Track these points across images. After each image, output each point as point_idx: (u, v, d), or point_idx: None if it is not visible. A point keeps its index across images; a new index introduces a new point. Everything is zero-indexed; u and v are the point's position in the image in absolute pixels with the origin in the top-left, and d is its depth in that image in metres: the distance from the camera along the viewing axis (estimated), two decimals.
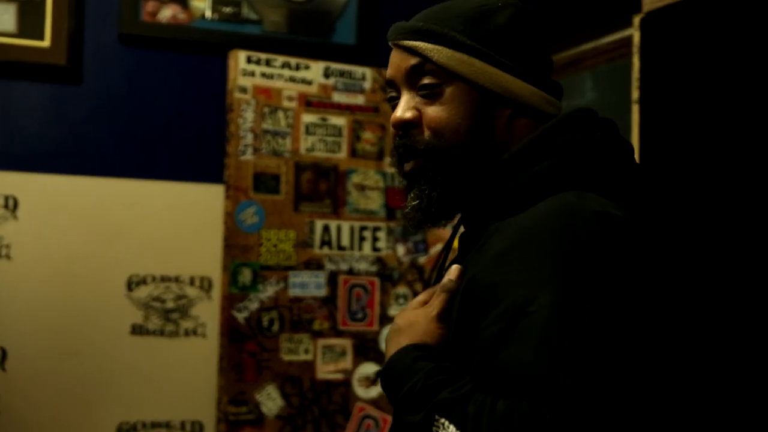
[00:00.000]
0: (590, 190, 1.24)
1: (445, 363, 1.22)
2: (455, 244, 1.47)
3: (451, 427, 1.12)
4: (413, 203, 1.36)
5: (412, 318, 1.31)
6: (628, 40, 2.54)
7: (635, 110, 2.40)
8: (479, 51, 1.31)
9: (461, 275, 1.30)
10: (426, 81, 1.33)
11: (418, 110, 1.34)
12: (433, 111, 1.33)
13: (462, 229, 1.46)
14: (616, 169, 1.29)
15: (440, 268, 1.46)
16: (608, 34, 2.70)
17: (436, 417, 1.14)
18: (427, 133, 1.33)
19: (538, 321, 1.10)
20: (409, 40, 1.34)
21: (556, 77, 3.04)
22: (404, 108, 1.35)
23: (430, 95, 1.33)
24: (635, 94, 2.40)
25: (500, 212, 1.29)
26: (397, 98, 1.38)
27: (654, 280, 1.21)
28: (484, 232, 1.31)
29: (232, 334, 2.89)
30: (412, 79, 1.34)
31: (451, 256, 1.48)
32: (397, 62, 1.37)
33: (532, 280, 1.13)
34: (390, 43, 1.40)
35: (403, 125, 1.35)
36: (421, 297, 1.37)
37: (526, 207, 1.24)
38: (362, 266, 3.09)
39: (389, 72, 1.39)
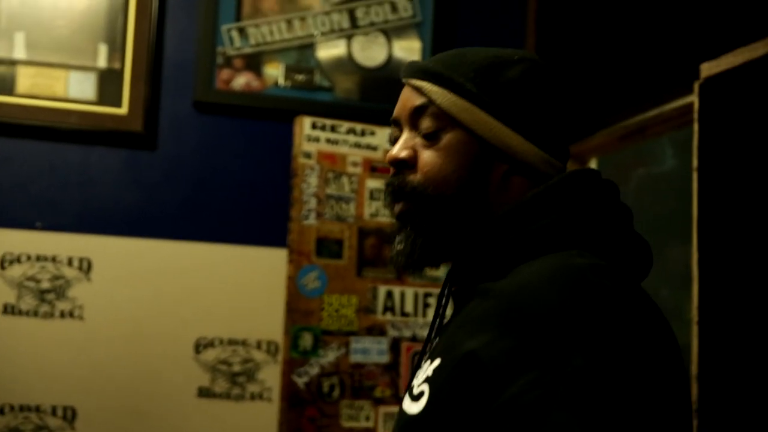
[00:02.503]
0: (588, 250, 1.19)
1: None
2: None
3: None
4: (398, 248, 1.33)
5: None
6: (691, 106, 2.48)
7: (694, 178, 2.33)
8: (484, 101, 1.27)
9: None
10: (427, 123, 1.29)
11: (416, 151, 1.30)
12: (428, 155, 1.29)
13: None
14: (615, 232, 1.24)
15: (433, 329, 1.39)
16: (672, 101, 2.64)
17: None
18: (418, 176, 1.29)
19: (578, 384, 1.01)
20: (417, 79, 1.31)
21: (627, 145, 2.99)
22: (401, 146, 1.31)
23: (430, 137, 1.29)
24: (694, 162, 2.34)
25: (494, 270, 1.22)
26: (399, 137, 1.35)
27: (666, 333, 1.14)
28: (474, 291, 1.24)
29: (292, 399, 2.88)
30: (414, 119, 1.31)
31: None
32: (404, 101, 1.33)
33: (560, 342, 1.04)
34: (402, 80, 1.36)
35: (397, 163, 1.31)
36: None
37: (521, 265, 1.19)
38: (426, 333, 3.05)
39: (395, 110, 1.35)
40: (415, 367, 1.33)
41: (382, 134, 3.06)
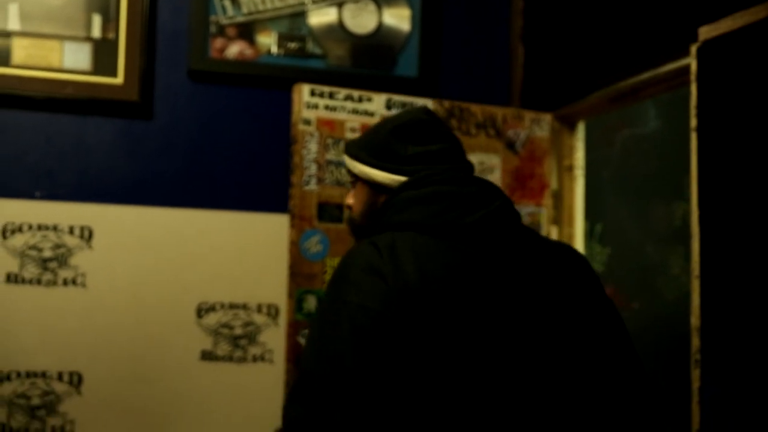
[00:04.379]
0: (409, 230, 1.78)
1: None
2: None
3: None
4: None
5: None
6: (687, 68, 2.56)
7: (693, 138, 2.42)
8: (361, 156, 1.97)
9: None
10: (350, 179, 2.06)
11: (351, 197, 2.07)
12: (352, 199, 2.06)
13: None
14: (419, 219, 1.80)
15: None
16: (667, 63, 2.72)
17: None
18: (352, 212, 2.07)
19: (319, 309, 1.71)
20: (344, 154, 2.07)
21: (618, 107, 3.07)
22: (348, 196, 2.09)
23: (353, 186, 2.05)
24: (693, 122, 2.42)
25: None
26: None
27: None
28: None
29: (298, 359, 2.94)
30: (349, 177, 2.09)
31: None
32: None
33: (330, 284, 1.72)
34: None
35: (347, 206, 2.09)
36: None
37: None
38: None
39: None
40: None
41: (378, 100, 3.11)
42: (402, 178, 1.89)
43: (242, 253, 3.24)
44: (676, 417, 3.34)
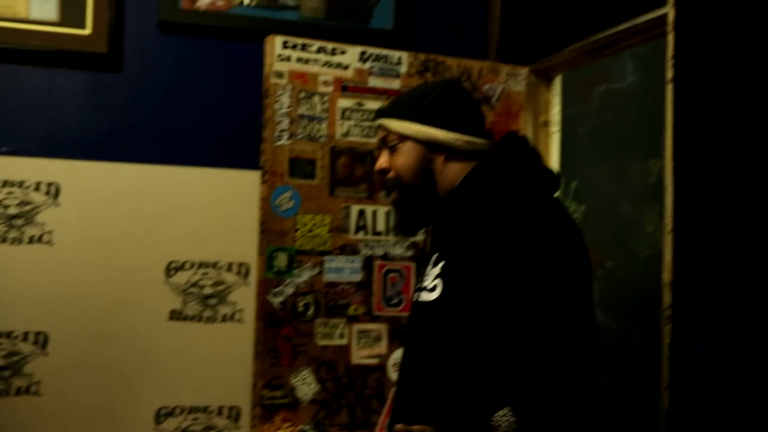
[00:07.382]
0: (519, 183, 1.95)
1: None
2: None
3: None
4: (395, 221, 2.18)
5: None
6: (664, 18, 2.51)
7: (669, 90, 2.37)
8: (416, 117, 2.02)
9: None
10: (390, 142, 2.06)
11: (389, 160, 2.07)
12: (394, 160, 2.06)
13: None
14: (529, 172, 2.00)
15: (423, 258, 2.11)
16: (644, 13, 2.67)
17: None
18: (392, 174, 2.06)
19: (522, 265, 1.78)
20: (378, 118, 2.11)
21: (596, 59, 3.02)
22: (380, 161, 2.10)
23: (393, 150, 2.06)
24: (669, 74, 2.37)
25: (463, 212, 1.96)
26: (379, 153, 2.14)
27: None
28: (451, 228, 1.97)
29: (268, 318, 2.90)
30: (383, 142, 2.10)
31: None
32: (378, 133, 2.13)
33: (510, 242, 1.78)
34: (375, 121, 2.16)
35: (380, 171, 2.10)
36: None
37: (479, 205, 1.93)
38: (398, 251, 3.08)
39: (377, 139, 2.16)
40: (418, 279, 2.04)
41: (352, 52, 3.04)
42: (466, 137, 2.01)
43: (213, 211, 3.18)
44: (648, 374, 3.32)
